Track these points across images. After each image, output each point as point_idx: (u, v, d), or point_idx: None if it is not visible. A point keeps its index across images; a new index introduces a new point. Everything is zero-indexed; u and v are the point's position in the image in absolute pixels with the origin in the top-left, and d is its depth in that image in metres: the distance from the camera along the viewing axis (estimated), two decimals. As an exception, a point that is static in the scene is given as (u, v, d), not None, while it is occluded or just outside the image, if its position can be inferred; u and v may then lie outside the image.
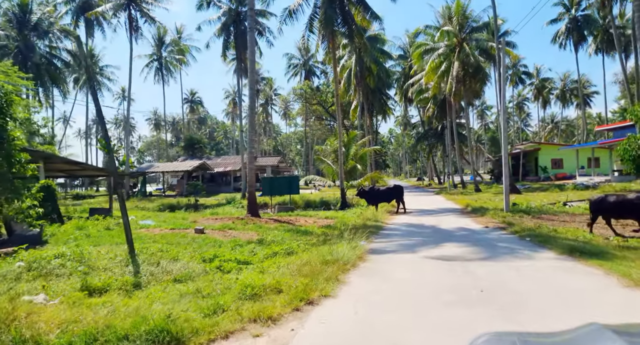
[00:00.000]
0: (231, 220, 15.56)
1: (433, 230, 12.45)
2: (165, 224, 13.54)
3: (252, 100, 16.57)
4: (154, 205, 28.82)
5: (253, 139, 16.79)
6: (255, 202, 16.99)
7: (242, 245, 9.79)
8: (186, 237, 10.51)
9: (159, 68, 58.98)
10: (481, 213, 16.81)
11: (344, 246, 8.64)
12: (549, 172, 45.16)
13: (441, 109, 49.28)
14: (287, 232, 12.44)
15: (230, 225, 13.49)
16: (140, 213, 20.06)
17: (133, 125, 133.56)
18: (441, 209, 21.03)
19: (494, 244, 9.40)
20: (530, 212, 16.23)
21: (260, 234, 12.20)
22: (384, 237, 11.34)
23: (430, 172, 73.79)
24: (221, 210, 23.58)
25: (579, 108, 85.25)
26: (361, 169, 34.93)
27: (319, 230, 13.08)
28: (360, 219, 16.20)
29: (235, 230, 12.64)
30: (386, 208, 20.83)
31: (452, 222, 14.67)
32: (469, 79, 36.50)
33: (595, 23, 53.96)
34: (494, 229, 12.15)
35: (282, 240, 10.80)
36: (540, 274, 6.34)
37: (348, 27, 24.86)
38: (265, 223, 15.18)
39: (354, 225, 13.89)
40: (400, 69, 59.64)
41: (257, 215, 16.49)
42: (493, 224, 13.44)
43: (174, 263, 7.41)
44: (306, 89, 60.45)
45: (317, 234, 12.22)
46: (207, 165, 42.19)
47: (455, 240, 10.11)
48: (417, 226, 13.72)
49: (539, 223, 12.30)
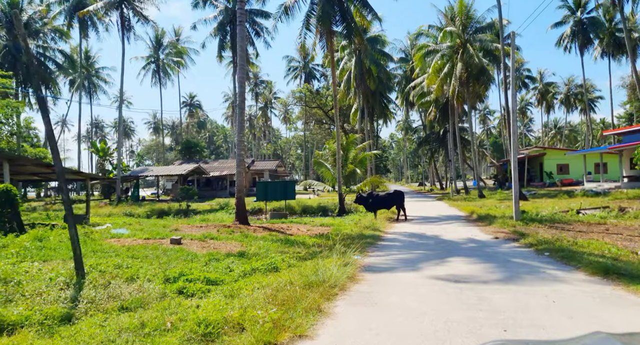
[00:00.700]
0: (217, 229, 14.31)
1: (437, 241, 11.18)
2: (142, 233, 12.30)
3: (241, 98, 15.39)
4: (143, 211, 27.60)
5: (242, 141, 15.58)
6: (244, 208, 15.75)
7: (219, 260, 8.54)
8: (157, 249, 9.26)
9: (156, 70, 57.98)
10: (488, 221, 15.54)
11: (334, 262, 7.39)
12: (555, 178, 43.86)
13: (443, 113, 48.12)
14: (275, 243, 11.19)
15: (212, 234, 12.24)
16: (121, 220, 18.84)
17: (132, 129, 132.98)
18: (444, 216, 19.76)
19: (508, 259, 8.12)
20: (542, 221, 14.96)
21: (244, 244, 10.96)
22: (382, 249, 10.08)
23: (431, 177, 72.51)
24: (212, 217, 22.34)
25: (583, 113, 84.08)
26: (360, 173, 33.69)
27: (310, 240, 11.81)
28: (357, 227, 14.94)
29: (217, 241, 11.39)
30: (386, 215, 19.57)
31: (458, 231, 13.40)
32: (472, 81, 35.33)
33: (601, 26, 52.86)
34: (505, 241, 10.88)
35: (267, 252, 9.56)
36: (576, 305, 5.07)
37: (346, 25, 23.71)
38: (254, 232, 13.93)
39: (349, 235, 12.65)
40: (402, 71, 58.53)
41: (245, 223, 15.24)
42: (503, 234, 12.16)
43: (127, 284, 6.16)
44: (305, 92, 59.35)
45: (307, 245, 10.97)
46: (203, 169, 40.97)
47: (462, 254, 8.84)
48: (419, 236, 12.45)
49: (555, 234, 11.01)
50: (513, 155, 15.10)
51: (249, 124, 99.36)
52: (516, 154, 15.10)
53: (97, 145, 44.56)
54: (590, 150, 37.86)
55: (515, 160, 15.06)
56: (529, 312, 4.83)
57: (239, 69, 15.51)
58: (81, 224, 14.28)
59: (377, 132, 65.78)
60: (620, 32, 53.39)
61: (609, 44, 54.06)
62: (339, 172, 25.91)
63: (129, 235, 11.87)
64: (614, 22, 53.57)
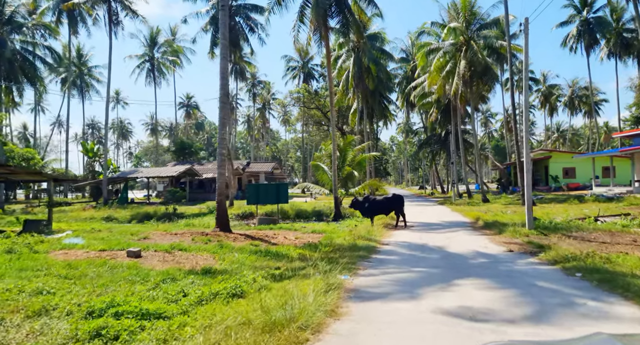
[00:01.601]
0: (193, 236, 12.74)
1: (441, 255, 9.59)
2: (101, 243, 10.71)
3: (223, 90, 13.83)
4: (127, 214, 26.01)
5: (224, 138, 14.01)
6: (225, 213, 14.17)
7: (176, 279, 6.97)
8: (104, 266, 7.69)
9: (150, 69, 56.51)
10: (497, 230, 13.95)
11: (312, 287, 5.84)
12: (561, 182, 42.24)
13: (445, 114, 46.58)
14: (253, 255, 9.61)
15: (183, 245, 10.64)
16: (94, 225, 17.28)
17: (130, 130, 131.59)
18: (448, 223, 18.16)
19: (532, 283, 6.53)
20: (557, 229, 13.36)
21: (216, 257, 9.38)
22: (376, 265, 8.49)
23: (432, 180, 70.87)
24: (197, 222, 20.70)
25: (587, 116, 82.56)
26: (358, 176, 32.10)
27: (295, 251, 10.24)
28: (351, 235, 13.35)
29: (186, 252, 9.81)
30: (384, 221, 17.99)
31: (464, 241, 11.81)
32: (476, 80, 33.82)
33: (608, 26, 51.36)
34: (521, 255, 9.29)
35: (239, 268, 7.98)
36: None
37: (343, 17, 22.20)
38: (233, 241, 12.34)
39: (340, 245, 11.08)
40: (402, 72, 56.99)
41: (227, 230, 13.66)
42: (517, 246, 10.57)
43: (30, 321, 4.58)
44: (303, 92, 57.80)
45: (290, 258, 9.40)
46: (195, 171, 39.41)
47: (473, 274, 7.25)
48: (421, 248, 10.86)
49: (580, 247, 9.41)
50: (525, 156, 13.52)
51: (247, 125, 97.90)
52: (528, 153, 13.53)
53: (87, 146, 43.01)
54: (600, 153, 36.29)
55: (529, 162, 13.48)
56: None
57: (221, 58, 13.97)
58: (38, 232, 12.70)
59: (377, 134, 64.24)
60: (628, 33, 51.93)
61: (616, 44, 52.51)
62: (334, 174, 24.35)
63: (83, 246, 10.29)
64: (621, 21, 52.12)
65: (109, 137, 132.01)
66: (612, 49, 53.28)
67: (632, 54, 53.43)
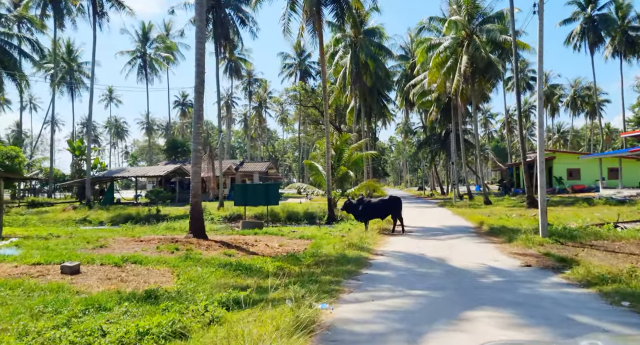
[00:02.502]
0: (160, 244, 11.15)
1: (444, 270, 8.01)
2: (42, 254, 9.10)
3: (199, 79, 12.25)
4: (107, 216, 24.46)
5: (199, 133, 12.41)
6: (200, 217, 12.57)
7: (105, 308, 5.40)
8: (17, 289, 6.10)
9: (142, 66, 54.88)
10: (506, 237, 12.37)
11: (281, 320, 4.29)
12: (565, 184, 40.70)
13: (445, 113, 45.07)
14: (221, 270, 8.04)
15: (139, 256, 9.01)
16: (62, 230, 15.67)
17: (126, 129, 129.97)
18: (449, 227, 16.59)
19: (568, 316, 4.94)
20: (574, 237, 11.81)
21: (175, 272, 7.81)
22: (365, 285, 6.91)
23: (432, 181, 69.28)
24: (179, 224, 19.12)
25: (589, 117, 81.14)
26: (354, 176, 30.55)
27: (273, 264, 8.67)
28: (341, 243, 11.78)
29: (140, 266, 8.23)
30: (380, 225, 16.43)
31: (470, 252, 10.24)
32: (478, 77, 32.26)
33: (613, 23, 49.91)
34: (542, 271, 7.72)
35: (195, 289, 6.41)
36: None
37: (337, 5, 20.65)
38: (206, 249, 10.77)
39: (327, 256, 9.52)
40: (401, 69, 55.41)
41: (202, 236, 12.07)
42: (534, 259, 9.00)
43: None
44: (300, 90, 56.18)
45: (264, 274, 7.84)
46: (185, 170, 37.75)
47: (489, 301, 5.67)
48: (420, 260, 9.29)
49: (612, 262, 7.84)
50: (539, 155, 11.95)
51: (244, 124, 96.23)
52: (542, 153, 11.97)
53: (74, 144, 41.35)
54: (608, 154, 34.78)
55: (542, 161, 11.92)
56: None
57: (197, 42, 12.37)
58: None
59: (375, 134, 62.66)
60: (633, 31, 50.53)
61: (621, 42, 51.09)
62: (328, 173, 22.82)
63: (15, 258, 8.69)
64: (627, 19, 50.72)
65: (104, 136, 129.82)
66: (617, 48, 51.87)
67: (637, 53, 51.99)
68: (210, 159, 28.81)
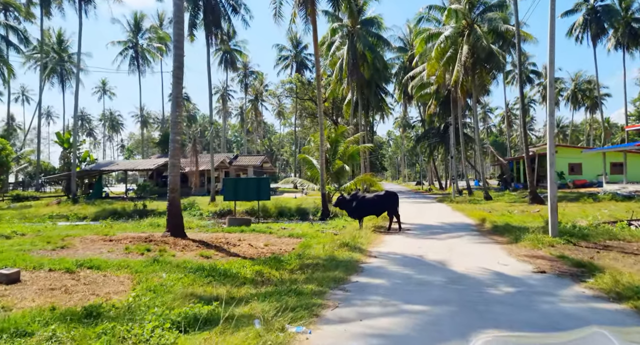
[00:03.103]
0: (130, 244, 10.09)
1: (447, 277, 6.97)
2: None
3: (177, 62, 11.13)
4: (91, 211, 23.35)
5: (178, 122, 11.30)
6: (178, 214, 11.51)
7: (28, 333, 4.35)
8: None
9: (134, 57, 53.51)
10: (512, 236, 11.35)
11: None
12: (566, 179, 39.73)
13: (444, 106, 44.01)
14: (191, 275, 7.00)
15: (98, 260, 7.91)
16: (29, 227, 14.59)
17: (121, 122, 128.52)
18: (449, 225, 15.58)
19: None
20: (586, 236, 10.82)
21: (135, 279, 6.75)
22: (352, 297, 5.86)
23: (430, 175, 68.27)
24: (163, 221, 17.85)
25: (589, 111, 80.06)
26: (350, 170, 29.49)
27: (252, 268, 7.63)
28: (333, 242, 10.75)
29: (98, 271, 7.16)
30: (375, 222, 15.43)
31: (474, 254, 9.22)
32: (479, 68, 31.14)
33: (616, 14, 48.83)
34: (561, 280, 6.68)
35: (151, 303, 5.36)
36: None
37: (332, -12, 19.48)
38: (181, 250, 9.72)
39: (315, 258, 8.50)
40: (400, 62, 54.18)
41: (179, 234, 11.02)
42: (546, 262, 7.99)
43: None
44: (296, 82, 54.95)
45: (240, 281, 6.81)
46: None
47: (504, 321, 4.63)
48: (418, 264, 8.27)
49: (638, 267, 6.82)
50: (549, 146, 10.90)
51: (240, 117, 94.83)
52: (552, 144, 10.93)
53: (62, 136, 40.14)
54: (612, 148, 33.78)
55: (552, 153, 10.87)
56: None
57: (175, 22, 11.22)
58: None
59: (372, 127, 61.50)
60: (636, 22, 49.42)
61: (624, 34, 49.99)
62: (322, 167, 21.77)
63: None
64: (630, 10, 49.59)
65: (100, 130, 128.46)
66: (620, 40, 50.78)
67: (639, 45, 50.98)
68: (193, 151, 27.62)
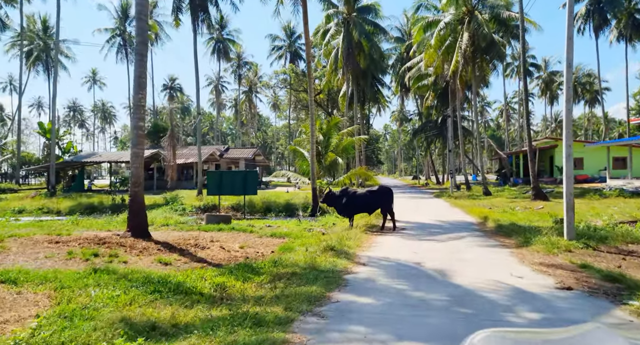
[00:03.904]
0: (81, 246, 8.69)
1: (451, 297, 5.58)
2: None
3: (141, 36, 9.65)
4: (66, 205, 21.93)
5: (141, 105, 9.82)
6: (141, 212, 10.06)
7: None
8: None
9: (122, 45, 51.73)
10: (521, 238, 9.98)
11: None
12: (567, 174, 38.44)
13: (442, 98, 42.57)
14: (134, 291, 5.60)
15: (23, 269, 6.51)
16: None
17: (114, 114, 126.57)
18: (449, 223, 14.23)
19: None
20: (606, 238, 9.49)
21: (55, 299, 5.33)
22: (329, 329, 4.46)
23: (427, 170, 66.96)
24: (138, 217, 16.59)
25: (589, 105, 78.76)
26: (343, 164, 28.11)
27: (213, 281, 6.23)
28: (319, 244, 9.40)
29: (12, 287, 5.73)
30: (367, 220, 14.07)
31: (481, 261, 7.87)
32: (479, 57, 29.72)
33: (619, 5, 47.45)
34: (592, 298, 5.32)
35: (54, 339, 3.97)
36: None
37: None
38: (138, 254, 8.32)
39: (293, 267, 7.14)
40: (397, 53, 52.63)
41: (141, 235, 9.60)
42: (568, 273, 6.64)
43: None
44: (290, 73, 53.30)
45: (194, 298, 5.42)
46: (163, 156, 35.12)
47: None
48: (415, 275, 6.90)
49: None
50: (566, 134, 9.53)
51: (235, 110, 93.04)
52: (569, 134, 9.57)
53: (44, 126, 38.49)
54: (616, 142, 32.53)
55: (569, 145, 9.51)
56: None
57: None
58: None
59: (369, 120, 59.99)
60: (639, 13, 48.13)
61: (627, 25, 48.70)
62: (312, 160, 20.38)
63: None
64: (633, 1, 48.20)
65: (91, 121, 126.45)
66: (623, 31, 49.50)
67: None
68: (171, 140, 26.05)
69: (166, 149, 25.36)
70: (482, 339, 1.33)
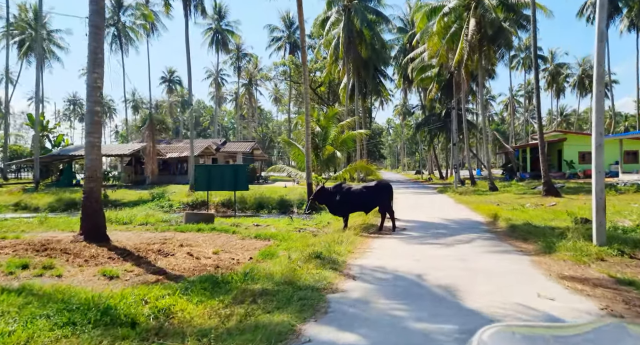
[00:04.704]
0: (17, 252, 7.32)
1: (465, 329, 4.17)
2: None
3: (97, 5, 8.24)
4: (48, 201, 20.66)
5: (97, 86, 8.42)
6: (96, 212, 8.66)
7: None
8: None
9: (116, 35, 50.27)
10: (542, 243, 8.52)
11: None
12: (576, 168, 37.03)
13: (446, 91, 41.10)
14: (38, 323, 4.21)
15: None
16: None
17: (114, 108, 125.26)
18: (455, 222, 12.81)
19: None
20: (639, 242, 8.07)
21: None
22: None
23: (430, 164, 65.38)
24: (115, 215, 15.26)
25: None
26: (343, 158, 26.66)
27: (157, 304, 4.84)
28: (304, 249, 8.02)
29: None
30: (364, 219, 12.65)
31: (495, 274, 6.46)
32: (486, 45, 28.13)
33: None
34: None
35: None
36: None
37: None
38: (81, 265, 6.93)
39: (268, 279, 5.75)
40: (399, 43, 50.98)
41: (96, 239, 8.21)
42: (609, 292, 5.23)
43: None
44: (290, 65, 51.68)
45: (124, 328, 4.04)
46: (157, 150, 33.76)
47: None
48: (416, 294, 5.50)
49: None
50: (596, 122, 8.11)
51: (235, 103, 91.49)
52: (601, 123, 8.15)
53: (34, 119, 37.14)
54: (629, 134, 30.94)
55: (601, 132, 8.10)
56: None
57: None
58: None
59: (371, 113, 58.40)
60: (652, 1, 46.27)
61: (638, 14, 46.87)
62: (307, 153, 18.97)
63: None
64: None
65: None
66: (634, 20, 47.76)
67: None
68: (150, 132, 24.56)
69: (145, 140, 23.89)
70: (492, 335, 1.30)
